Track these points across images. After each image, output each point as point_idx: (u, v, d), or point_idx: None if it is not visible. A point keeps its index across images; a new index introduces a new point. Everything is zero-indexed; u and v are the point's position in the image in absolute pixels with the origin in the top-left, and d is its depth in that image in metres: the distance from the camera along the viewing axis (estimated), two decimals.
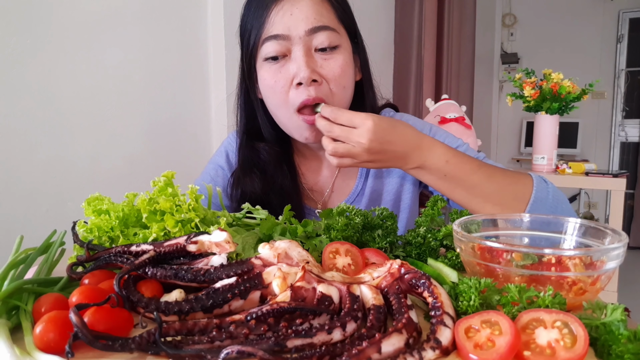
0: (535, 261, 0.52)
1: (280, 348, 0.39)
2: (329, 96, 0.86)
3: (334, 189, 1.01)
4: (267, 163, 0.97)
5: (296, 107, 0.85)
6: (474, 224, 0.63)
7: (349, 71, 0.89)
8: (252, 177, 0.96)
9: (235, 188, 0.97)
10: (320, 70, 0.85)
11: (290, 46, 0.84)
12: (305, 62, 0.83)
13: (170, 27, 1.58)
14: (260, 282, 0.50)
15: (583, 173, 2.31)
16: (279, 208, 0.85)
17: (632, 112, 4.48)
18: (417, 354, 0.40)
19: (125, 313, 0.45)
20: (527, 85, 2.27)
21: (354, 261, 0.60)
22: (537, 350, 0.40)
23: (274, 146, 0.97)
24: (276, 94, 0.87)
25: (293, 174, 0.99)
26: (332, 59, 0.86)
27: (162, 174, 0.66)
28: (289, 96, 0.86)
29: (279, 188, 0.96)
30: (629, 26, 4.42)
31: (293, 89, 0.85)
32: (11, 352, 0.41)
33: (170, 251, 0.54)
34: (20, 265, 0.56)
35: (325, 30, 0.84)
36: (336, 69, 0.86)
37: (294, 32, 0.83)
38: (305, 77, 0.82)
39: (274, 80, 0.86)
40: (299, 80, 0.83)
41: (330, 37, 0.85)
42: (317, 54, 0.85)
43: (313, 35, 0.84)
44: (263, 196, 0.94)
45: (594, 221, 0.61)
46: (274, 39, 0.84)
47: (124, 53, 1.43)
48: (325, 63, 0.85)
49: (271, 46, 0.85)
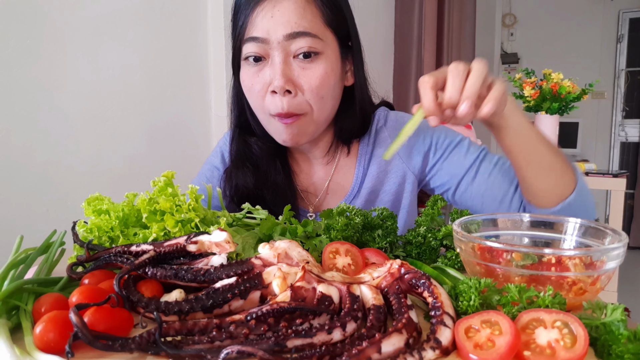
0: (535, 261, 0.52)
1: (280, 348, 0.39)
2: (305, 108, 0.83)
3: (329, 190, 0.99)
4: (260, 158, 0.95)
5: (271, 113, 0.84)
6: (474, 224, 0.63)
7: (329, 81, 0.84)
8: (245, 170, 0.94)
9: (228, 182, 0.95)
10: (298, 79, 0.82)
11: (269, 50, 0.81)
12: (281, 70, 0.80)
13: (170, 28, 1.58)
14: (260, 282, 0.50)
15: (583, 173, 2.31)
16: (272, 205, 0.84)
17: (632, 112, 4.48)
18: (417, 354, 0.40)
19: (125, 313, 0.45)
20: (527, 85, 2.27)
21: (354, 261, 0.60)
22: (537, 350, 0.40)
23: (266, 141, 0.94)
24: (253, 96, 0.86)
25: (287, 173, 0.97)
26: (310, 68, 0.82)
27: (162, 174, 0.66)
28: (265, 101, 0.84)
29: (273, 184, 0.94)
30: (629, 26, 4.42)
31: (269, 95, 0.83)
32: (11, 352, 0.41)
33: (170, 251, 0.54)
34: (20, 265, 0.56)
35: (305, 36, 0.80)
36: (313, 79, 0.82)
37: (272, 36, 0.80)
38: (279, 87, 0.80)
39: (251, 82, 0.84)
40: (272, 88, 0.81)
41: (310, 44, 0.81)
42: (296, 60, 0.82)
43: (292, 40, 0.80)
44: (257, 192, 0.92)
45: (594, 221, 0.61)
46: (253, 41, 0.82)
47: (124, 53, 1.43)
48: (303, 73, 0.82)
49: (251, 47, 0.82)
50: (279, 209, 0.76)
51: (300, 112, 0.83)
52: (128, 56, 1.44)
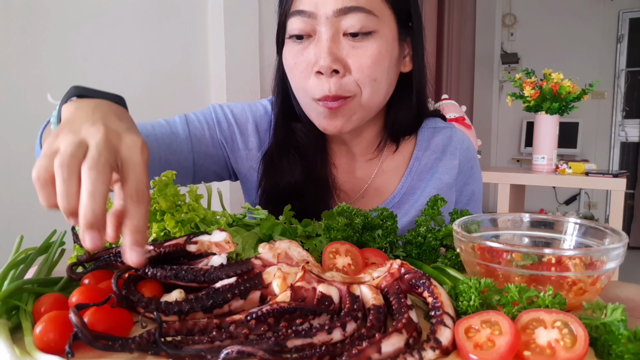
0: (535, 261, 0.52)
1: (280, 348, 0.39)
2: (354, 90, 0.74)
3: (366, 194, 0.89)
4: (306, 146, 0.84)
5: (315, 97, 0.75)
6: (474, 224, 0.63)
7: (382, 62, 0.74)
8: (291, 159, 0.83)
9: (268, 173, 0.84)
10: (347, 58, 0.72)
11: (316, 26, 0.72)
12: (327, 47, 0.71)
13: (170, 27, 1.58)
14: (260, 282, 0.50)
15: (583, 173, 2.31)
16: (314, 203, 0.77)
17: (632, 112, 4.48)
18: (417, 354, 0.40)
19: (125, 313, 0.45)
20: (527, 85, 2.27)
21: (354, 261, 0.60)
22: (537, 350, 0.40)
23: (312, 128, 0.82)
24: (294, 78, 0.77)
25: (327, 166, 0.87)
26: (361, 47, 0.72)
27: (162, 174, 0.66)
28: (308, 84, 0.75)
29: (316, 178, 0.84)
30: (629, 26, 4.42)
31: (313, 76, 0.74)
32: (11, 352, 0.41)
33: (170, 251, 0.54)
34: (20, 265, 0.56)
35: (358, 11, 0.71)
36: (365, 58, 0.72)
37: (321, 10, 0.71)
38: (325, 67, 0.71)
39: (294, 62, 0.75)
40: (317, 68, 0.72)
41: (363, 21, 0.71)
42: (346, 38, 0.72)
43: (343, 16, 0.71)
44: (299, 185, 0.82)
45: (594, 221, 0.61)
46: (299, 15, 0.73)
47: (124, 53, 1.43)
48: (353, 52, 0.72)
49: (295, 22, 0.73)
50: (319, 207, 0.71)
51: (348, 94, 0.74)
52: (128, 56, 1.45)
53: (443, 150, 0.92)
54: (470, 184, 0.96)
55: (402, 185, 0.89)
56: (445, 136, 0.93)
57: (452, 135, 0.93)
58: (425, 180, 0.90)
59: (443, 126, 0.94)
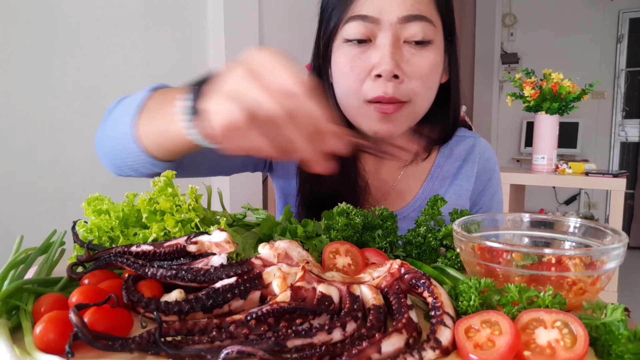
0: (535, 261, 0.52)
1: (280, 348, 0.39)
2: (409, 96, 0.76)
3: (388, 196, 0.91)
4: None
5: (368, 99, 0.76)
6: (474, 224, 0.63)
7: (437, 72, 0.78)
8: None
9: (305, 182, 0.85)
10: (406, 66, 0.74)
11: (377, 31, 0.74)
12: (390, 53, 0.72)
13: (170, 28, 1.58)
14: (260, 282, 0.50)
15: (583, 173, 2.31)
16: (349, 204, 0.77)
17: (632, 112, 4.48)
18: (417, 354, 0.40)
19: (125, 313, 0.45)
20: (527, 85, 2.27)
21: (354, 261, 0.60)
22: (537, 350, 0.40)
23: None
24: (348, 81, 0.78)
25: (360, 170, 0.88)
26: (421, 55, 0.74)
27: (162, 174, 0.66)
28: (363, 86, 0.76)
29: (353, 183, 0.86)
30: (629, 26, 4.42)
31: (370, 79, 0.75)
32: (11, 352, 0.41)
33: (170, 251, 0.54)
34: (20, 265, 0.56)
35: (422, 20, 0.73)
36: (424, 67, 0.75)
37: (385, 17, 0.72)
38: (387, 71, 0.72)
39: (349, 65, 0.76)
40: (378, 72, 0.73)
41: (425, 30, 0.73)
42: (406, 46, 0.74)
43: (406, 24, 0.73)
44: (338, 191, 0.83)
45: (594, 221, 0.61)
46: (361, 20, 0.73)
47: (124, 53, 1.43)
48: (413, 59, 0.74)
49: (355, 27, 0.74)
50: None
51: (404, 99, 0.76)
52: (128, 56, 1.45)
53: (465, 158, 0.94)
54: (485, 196, 0.97)
55: (423, 190, 0.91)
56: (468, 145, 0.95)
57: (475, 144, 0.96)
58: (446, 186, 0.93)
59: (468, 135, 0.97)
